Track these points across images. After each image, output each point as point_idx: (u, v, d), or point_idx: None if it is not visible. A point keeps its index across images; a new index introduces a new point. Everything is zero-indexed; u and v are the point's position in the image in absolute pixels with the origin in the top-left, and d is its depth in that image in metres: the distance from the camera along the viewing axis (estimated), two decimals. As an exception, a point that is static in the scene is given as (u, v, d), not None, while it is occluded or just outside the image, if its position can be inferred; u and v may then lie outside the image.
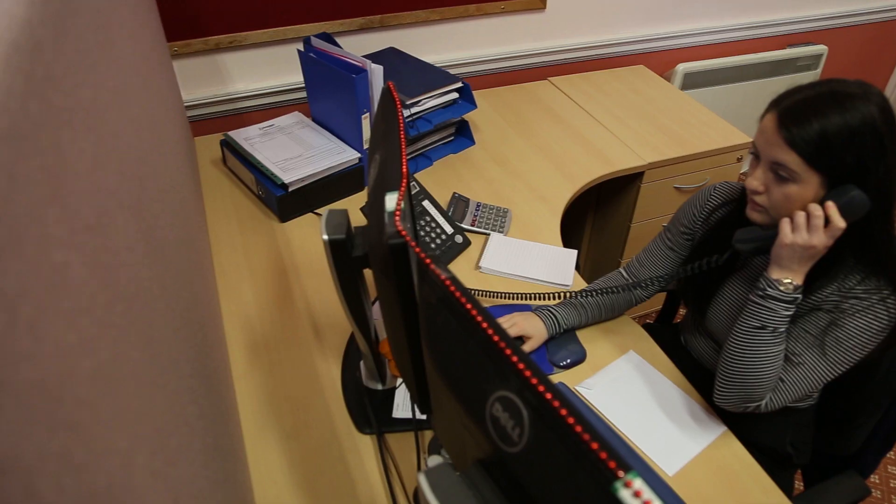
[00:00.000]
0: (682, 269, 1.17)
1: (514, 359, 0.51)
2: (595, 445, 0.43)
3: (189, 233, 1.01)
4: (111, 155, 0.55)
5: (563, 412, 0.46)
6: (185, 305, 0.77)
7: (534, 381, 0.49)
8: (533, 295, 1.28)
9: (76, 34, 0.53)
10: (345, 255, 0.91)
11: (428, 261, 0.63)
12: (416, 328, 0.78)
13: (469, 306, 0.58)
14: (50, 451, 0.27)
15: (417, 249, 0.66)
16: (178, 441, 0.53)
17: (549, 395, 0.48)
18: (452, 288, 0.61)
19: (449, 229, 1.39)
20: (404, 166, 0.83)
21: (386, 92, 1.01)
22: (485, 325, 0.55)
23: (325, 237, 0.90)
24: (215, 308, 1.15)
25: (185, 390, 0.62)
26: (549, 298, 1.28)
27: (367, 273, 0.97)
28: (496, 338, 0.54)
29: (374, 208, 0.85)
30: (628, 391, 1.14)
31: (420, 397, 0.87)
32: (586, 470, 0.44)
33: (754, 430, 1.15)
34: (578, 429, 0.45)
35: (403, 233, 0.71)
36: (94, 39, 0.61)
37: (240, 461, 0.91)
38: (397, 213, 0.74)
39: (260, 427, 1.05)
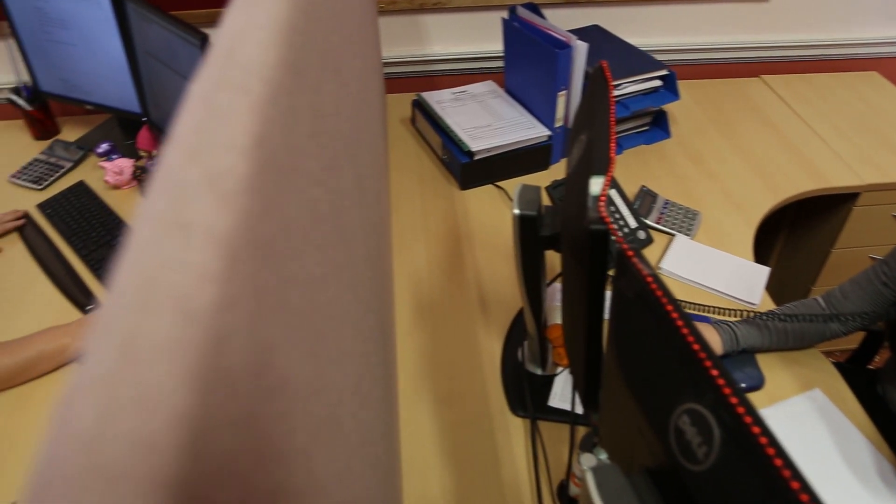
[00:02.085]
0: (894, 311, 1.03)
1: (714, 372, 0.47)
2: (796, 485, 0.38)
3: (381, 187, 1.04)
4: (344, 101, 0.56)
5: (763, 441, 0.42)
6: (377, 256, 0.79)
7: (733, 400, 0.45)
8: (712, 308, 1.19)
9: (331, -22, 0.54)
10: (533, 232, 0.89)
11: (630, 253, 0.60)
12: (599, 319, 0.75)
13: (670, 308, 0.54)
14: (302, 376, 0.27)
15: (620, 239, 0.62)
16: (367, 386, 0.54)
17: (748, 419, 0.43)
18: (654, 286, 0.57)
19: (633, 223, 1.33)
20: (612, 151, 0.79)
21: (598, 71, 0.97)
22: (685, 331, 0.51)
23: (517, 212, 0.88)
24: (391, 263, 1.19)
25: (372, 339, 0.64)
26: (730, 314, 1.19)
27: (547, 254, 0.95)
28: (696, 346, 0.50)
29: (574, 190, 0.82)
30: (808, 433, 1.03)
31: (587, 391, 0.83)
32: (779, 509, 0.39)
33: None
34: (778, 462, 0.40)
35: (608, 220, 0.68)
36: (339, -14, 0.63)
37: (396, 417, 0.94)
38: (602, 198, 0.71)
39: (416, 388, 1.07)
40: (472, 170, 1.45)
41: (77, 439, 0.15)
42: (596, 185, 0.72)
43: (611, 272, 1.03)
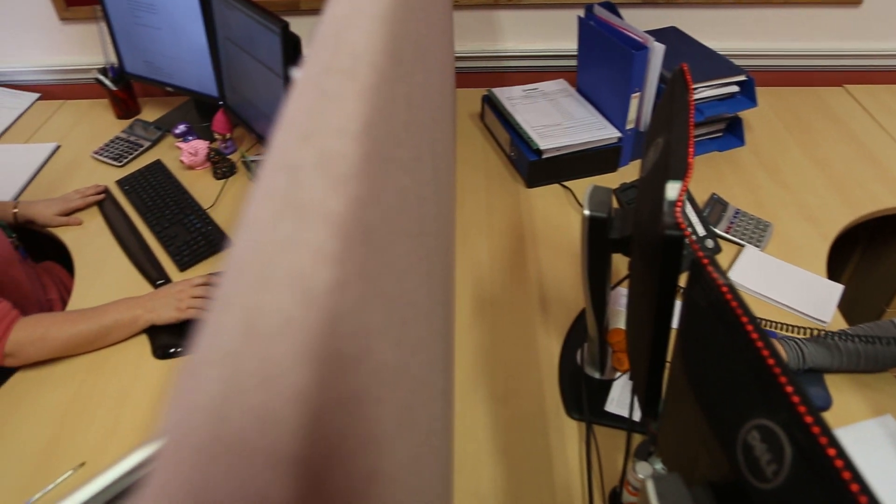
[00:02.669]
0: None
1: (789, 389, 0.45)
2: (872, 514, 0.37)
3: (450, 180, 1.04)
4: (428, 92, 0.57)
5: (839, 464, 0.40)
6: (445, 249, 0.79)
7: (808, 419, 0.43)
8: (782, 325, 1.15)
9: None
10: (602, 234, 0.88)
11: (706, 261, 0.59)
12: (667, 326, 0.73)
13: (745, 320, 0.53)
14: (391, 363, 0.27)
15: (695, 247, 0.61)
16: (434, 378, 0.54)
17: (823, 440, 0.42)
18: (729, 296, 0.56)
19: (701, 231, 1.29)
20: (690, 157, 0.77)
21: (678, 74, 0.95)
22: (760, 343, 0.50)
23: (587, 213, 0.87)
24: (454, 257, 1.19)
25: (439, 331, 0.64)
26: (798, 331, 1.15)
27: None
28: (771, 361, 0.48)
29: (649, 194, 0.80)
30: (877, 461, 0.99)
31: (647, 399, 0.82)
32: (856, 537, 0.38)
33: None
34: (854, 488, 0.39)
35: (683, 226, 0.66)
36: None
37: (452, 411, 0.94)
38: (678, 204, 0.69)
39: (472, 382, 1.07)
40: (539, 168, 1.44)
41: (204, 411, 0.15)
42: (672, 190, 0.70)
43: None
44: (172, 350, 1.14)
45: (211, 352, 0.17)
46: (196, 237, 1.35)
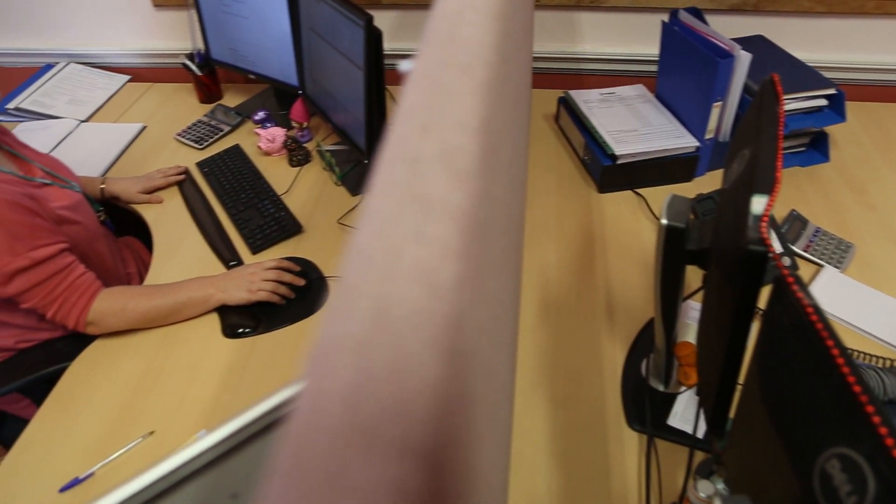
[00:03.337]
0: None
1: (876, 419, 0.43)
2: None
3: (523, 181, 1.04)
4: (519, 90, 0.56)
5: None
6: (517, 250, 0.79)
7: (896, 453, 0.41)
8: (861, 353, 1.10)
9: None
10: (678, 245, 0.86)
11: (790, 279, 0.56)
12: (742, 344, 0.71)
13: (830, 343, 0.50)
14: (486, 361, 0.27)
15: (780, 264, 0.59)
16: (507, 377, 0.54)
17: None
18: (814, 317, 0.53)
19: (778, 247, 1.25)
20: (778, 171, 0.75)
21: (769, 84, 0.92)
22: (845, 369, 0.48)
23: (665, 222, 0.85)
24: (522, 258, 1.18)
25: (508, 328, 0.64)
26: (879, 361, 1.10)
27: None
28: (857, 388, 0.46)
29: (731, 207, 0.78)
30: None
31: (715, 417, 0.80)
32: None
33: None
34: None
35: (768, 242, 0.64)
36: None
37: (512, 412, 0.94)
38: (764, 218, 0.67)
39: (533, 385, 1.07)
40: (612, 173, 1.42)
41: (337, 397, 0.16)
42: (758, 204, 0.68)
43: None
44: (241, 330, 1.17)
45: (341, 338, 0.17)
46: (269, 221, 1.39)
